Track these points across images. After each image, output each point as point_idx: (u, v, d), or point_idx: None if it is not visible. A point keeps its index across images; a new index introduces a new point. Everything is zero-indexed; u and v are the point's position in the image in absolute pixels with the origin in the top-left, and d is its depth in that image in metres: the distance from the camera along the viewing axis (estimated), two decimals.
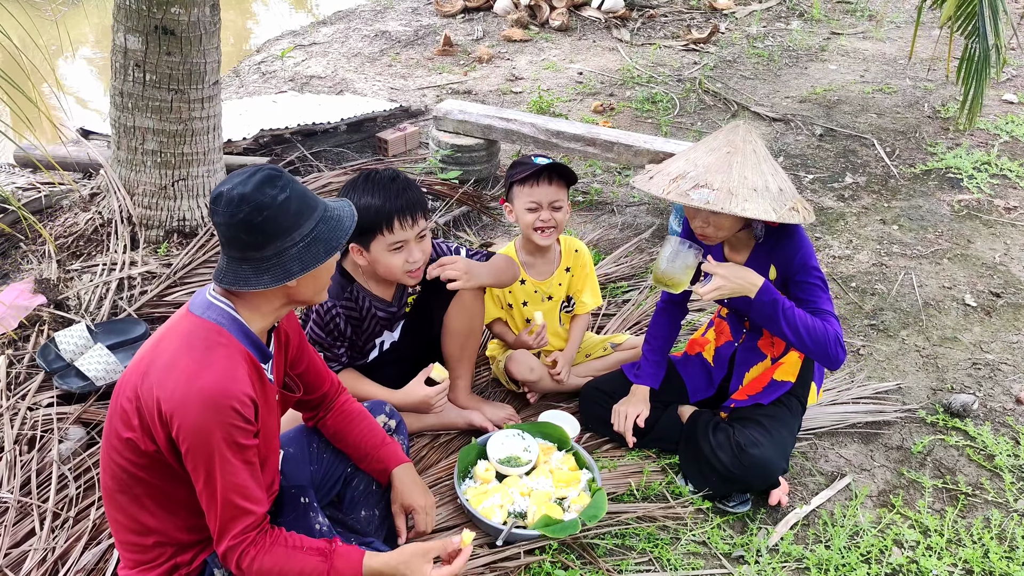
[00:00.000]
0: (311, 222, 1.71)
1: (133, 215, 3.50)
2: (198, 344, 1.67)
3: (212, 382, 1.62)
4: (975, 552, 2.39)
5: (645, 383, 2.72)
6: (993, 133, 5.11)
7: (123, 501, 1.76)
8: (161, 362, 1.66)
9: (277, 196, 1.66)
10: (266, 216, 1.65)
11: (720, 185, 2.23)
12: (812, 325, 2.33)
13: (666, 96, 5.62)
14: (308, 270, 1.69)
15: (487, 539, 2.34)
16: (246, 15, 8.34)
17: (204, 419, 1.61)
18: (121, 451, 1.71)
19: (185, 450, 1.64)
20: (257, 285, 1.68)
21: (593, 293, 2.96)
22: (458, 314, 2.64)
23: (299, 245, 1.69)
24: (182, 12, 3.20)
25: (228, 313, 1.72)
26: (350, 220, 1.76)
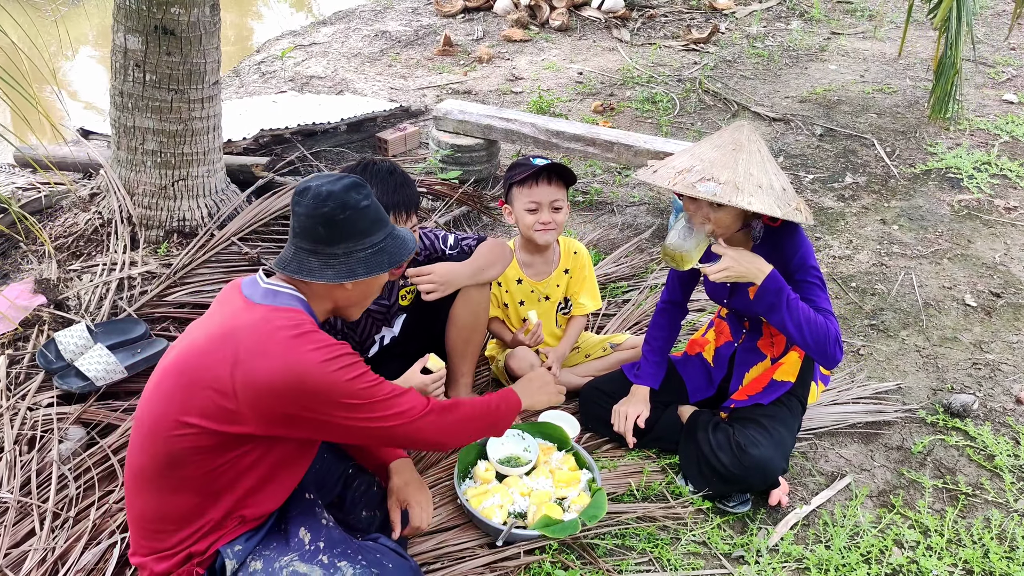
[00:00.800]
0: (381, 234, 1.85)
1: (133, 215, 3.50)
2: (284, 326, 1.74)
3: (316, 344, 1.73)
4: (975, 552, 2.39)
5: (645, 383, 2.72)
6: (993, 133, 5.11)
7: (162, 484, 1.78)
8: (257, 351, 1.70)
9: (361, 201, 1.80)
10: (348, 216, 1.78)
11: (726, 179, 2.25)
12: (814, 320, 2.33)
13: (666, 96, 5.63)
14: (370, 275, 1.82)
15: (487, 539, 2.34)
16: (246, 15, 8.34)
17: (326, 374, 1.71)
18: (195, 435, 1.73)
19: (323, 411, 1.73)
20: (320, 278, 1.79)
21: (592, 296, 2.96)
22: (463, 307, 2.64)
23: (368, 251, 1.82)
24: (182, 12, 3.20)
25: (298, 298, 1.82)
26: (412, 244, 1.91)
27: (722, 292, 2.60)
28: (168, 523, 1.80)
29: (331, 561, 1.82)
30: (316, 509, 1.97)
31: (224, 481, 1.78)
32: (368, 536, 2.01)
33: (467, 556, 2.30)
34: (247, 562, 1.82)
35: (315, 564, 1.81)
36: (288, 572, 1.79)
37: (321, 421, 1.75)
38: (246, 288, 1.83)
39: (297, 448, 1.86)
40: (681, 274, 2.71)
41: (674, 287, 2.74)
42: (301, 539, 1.87)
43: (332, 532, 1.92)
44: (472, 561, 2.27)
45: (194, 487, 1.78)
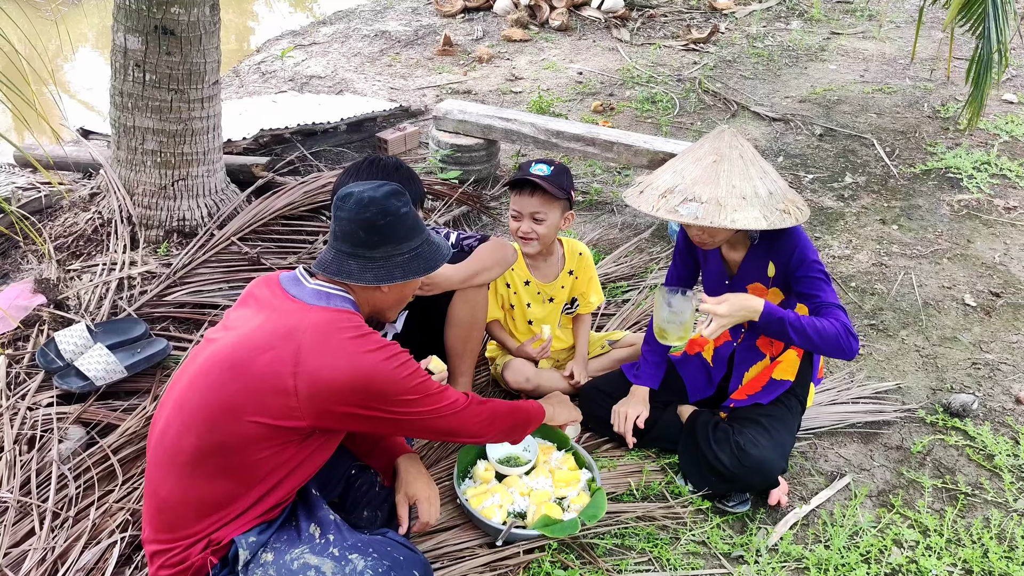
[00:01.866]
0: (418, 240, 1.93)
1: (133, 215, 3.50)
2: (347, 327, 1.81)
3: (377, 345, 1.81)
4: (975, 552, 2.39)
5: (645, 384, 2.72)
6: (993, 133, 5.11)
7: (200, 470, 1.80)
8: (320, 351, 1.77)
9: (401, 208, 1.88)
10: (388, 222, 1.87)
11: (708, 197, 2.24)
12: (821, 327, 2.32)
13: (666, 96, 5.63)
14: (407, 279, 1.90)
15: (487, 539, 2.34)
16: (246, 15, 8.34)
17: (389, 372, 1.80)
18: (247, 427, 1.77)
19: (386, 409, 1.82)
20: (359, 280, 1.86)
21: (597, 293, 2.98)
22: (462, 305, 2.64)
23: (405, 256, 1.90)
24: (182, 12, 3.20)
25: (349, 299, 1.89)
26: (447, 251, 1.99)
27: (720, 291, 2.59)
28: (192, 509, 1.82)
29: (342, 553, 1.83)
30: (324, 505, 1.99)
31: (263, 471, 1.83)
32: (376, 531, 2.02)
33: (467, 556, 2.30)
34: (259, 554, 1.84)
35: (326, 556, 1.82)
36: (299, 564, 1.80)
37: (379, 417, 1.84)
38: (289, 287, 1.89)
39: (327, 440, 1.92)
40: (680, 274, 2.71)
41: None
42: (311, 533, 1.89)
43: (341, 527, 1.93)
44: (472, 561, 2.27)
45: (234, 475, 1.81)
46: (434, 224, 3.83)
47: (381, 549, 1.87)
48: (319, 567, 1.80)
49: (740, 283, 2.53)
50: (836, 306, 2.36)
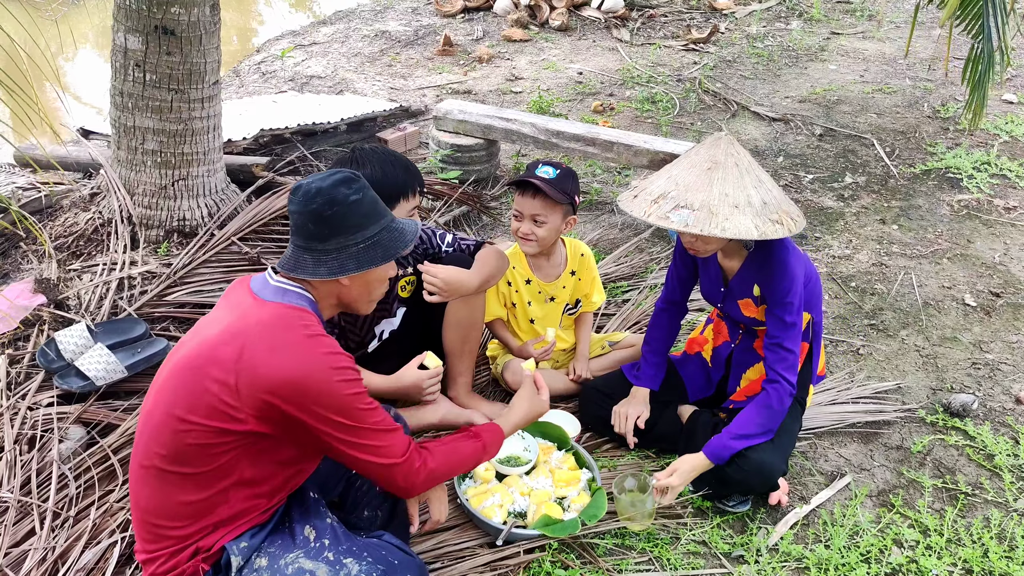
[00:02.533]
0: (376, 227, 1.84)
1: (133, 215, 3.50)
2: (296, 325, 1.76)
3: (321, 356, 1.74)
4: (975, 552, 2.39)
5: (645, 385, 2.72)
6: (993, 133, 5.11)
7: (169, 480, 1.78)
8: (261, 347, 1.72)
9: (350, 196, 1.80)
10: (336, 211, 1.79)
11: (700, 204, 2.22)
12: (755, 420, 2.41)
13: (666, 96, 5.63)
14: (362, 270, 1.82)
15: (487, 539, 2.34)
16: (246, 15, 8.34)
17: (326, 389, 1.72)
18: (197, 432, 1.74)
19: (314, 416, 1.74)
20: (313, 274, 1.81)
21: (600, 292, 2.99)
22: (459, 306, 2.64)
23: (360, 245, 1.82)
24: (182, 12, 3.20)
25: (306, 297, 1.84)
26: (412, 235, 1.89)
27: (716, 296, 2.60)
28: (174, 519, 1.80)
29: (336, 558, 1.82)
30: (320, 508, 1.98)
31: (231, 478, 1.79)
32: (372, 533, 2.01)
33: (467, 555, 2.30)
34: (252, 559, 1.82)
35: (321, 560, 1.81)
36: (294, 569, 1.79)
37: (311, 427, 1.75)
38: (256, 285, 1.85)
39: (302, 451, 1.87)
40: (680, 274, 2.71)
41: (673, 288, 2.73)
42: (306, 536, 1.88)
43: (337, 530, 1.92)
44: (472, 560, 2.27)
45: (203, 483, 1.78)
46: (434, 224, 3.83)
47: (376, 553, 1.86)
48: (314, 572, 1.79)
49: (733, 295, 2.53)
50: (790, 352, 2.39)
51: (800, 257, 2.42)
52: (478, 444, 2.01)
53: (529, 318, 2.90)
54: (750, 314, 2.50)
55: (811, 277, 2.47)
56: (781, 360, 2.40)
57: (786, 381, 2.40)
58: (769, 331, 2.41)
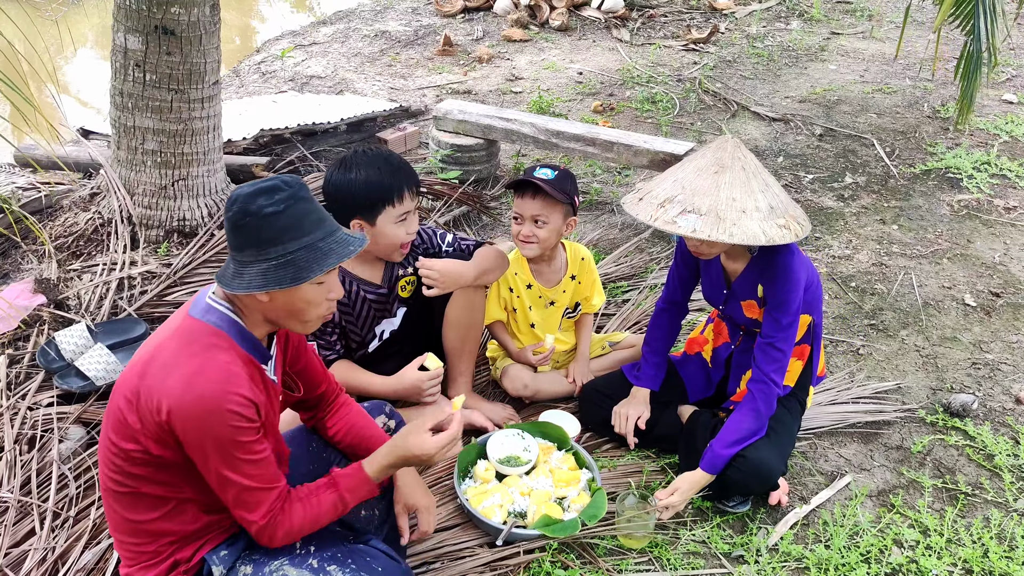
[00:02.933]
0: (296, 244, 1.67)
1: (133, 215, 3.50)
2: (196, 347, 1.67)
3: (210, 386, 1.63)
4: (975, 552, 2.39)
5: (645, 385, 2.72)
6: (993, 133, 5.11)
7: (124, 501, 1.77)
8: (159, 364, 1.66)
9: (265, 208, 1.65)
10: (248, 222, 1.65)
11: (708, 209, 2.21)
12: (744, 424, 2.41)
13: (666, 96, 5.63)
14: (267, 289, 1.66)
15: (487, 539, 2.34)
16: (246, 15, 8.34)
17: (205, 422, 1.63)
18: (120, 453, 1.71)
19: (191, 451, 1.66)
20: (228, 287, 1.68)
21: (600, 294, 2.98)
22: (459, 306, 2.64)
23: (272, 262, 1.66)
24: (182, 12, 3.20)
25: (227, 316, 1.73)
26: (338, 256, 1.70)
27: (718, 298, 2.60)
28: (134, 536, 1.79)
29: (321, 565, 1.81)
30: None
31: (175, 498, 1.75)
32: (360, 539, 2.01)
33: (467, 555, 2.30)
34: (236, 567, 1.81)
35: (305, 568, 1.80)
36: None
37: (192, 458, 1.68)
38: (197, 298, 1.77)
39: None
40: (681, 275, 2.71)
41: (674, 288, 2.73)
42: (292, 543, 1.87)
43: (323, 535, 1.91)
44: (472, 560, 2.27)
45: (145, 504, 1.76)
46: (434, 224, 3.83)
47: (361, 560, 1.86)
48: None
49: (736, 296, 2.52)
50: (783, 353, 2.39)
51: (803, 261, 2.41)
52: (335, 496, 1.83)
53: (530, 322, 2.89)
54: (752, 315, 2.50)
55: (812, 280, 2.47)
56: (772, 361, 2.40)
57: (774, 383, 2.40)
58: (764, 331, 2.41)
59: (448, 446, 1.90)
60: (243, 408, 1.65)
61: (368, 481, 1.88)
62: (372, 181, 2.39)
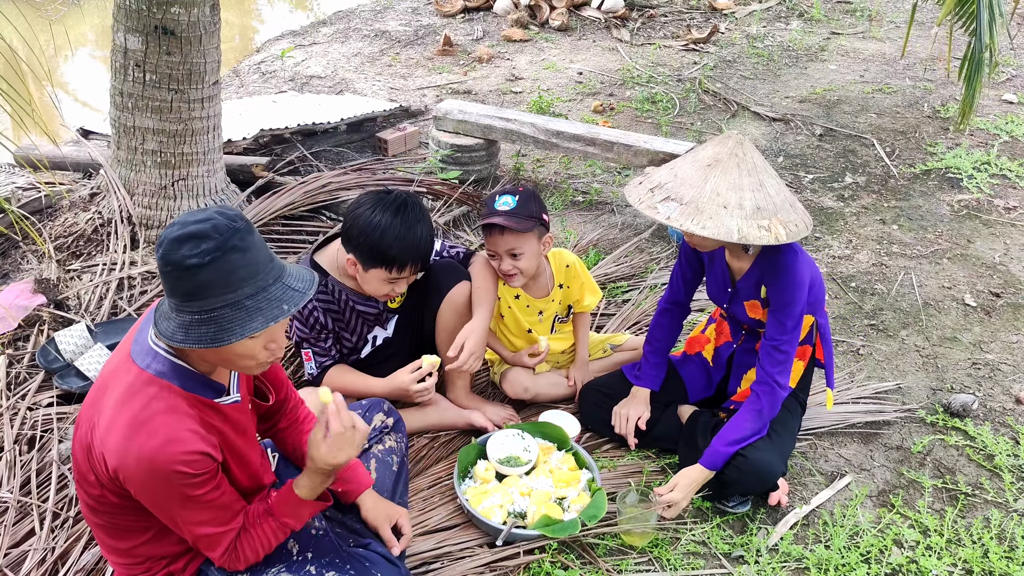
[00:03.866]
0: (217, 301, 1.53)
1: (133, 215, 3.50)
2: (136, 403, 1.59)
3: (151, 446, 1.56)
4: (975, 552, 2.39)
5: (646, 385, 2.72)
6: (993, 133, 5.11)
7: (106, 530, 1.77)
8: (105, 419, 1.60)
9: (187, 259, 1.50)
10: (168, 272, 1.53)
11: (690, 199, 2.21)
12: (752, 425, 2.41)
13: (666, 96, 5.63)
14: (186, 345, 1.55)
15: (487, 539, 2.34)
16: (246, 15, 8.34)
17: (154, 485, 1.59)
18: (89, 494, 1.71)
19: (145, 503, 1.65)
20: (158, 327, 1.59)
21: (592, 292, 2.95)
22: (449, 315, 2.65)
23: (193, 316, 1.54)
24: (182, 12, 3.20)
25: (168, 361, 1.63)
26: (262, 321, 1.55)
27: (722, 297, 2.60)
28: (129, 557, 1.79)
29: (319, 571, 1.82)
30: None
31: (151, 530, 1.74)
32: (360, 542, 2.01)
33: (467, 556, 2.30)
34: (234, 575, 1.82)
35: (303, 575, 1.81)
36: None
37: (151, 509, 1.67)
38: (138, 335, 1.69)
39: None
40: (685, 275, 2.70)
41: (678, 288, 2.72)
42: (289, 549, 1.87)
43: (321, 541, 1.91)
44: (472, 561, 2.27)
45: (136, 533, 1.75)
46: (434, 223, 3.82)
47: (359, 565, 1.86)
48: None
49: (740, 296, 2.52)
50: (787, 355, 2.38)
51: (808, 262, 2.40)
52: (274, 524, 1.79)
53: (524, 328, 2.87)
54: (756, 316, 2.50)
55: (816, 281, 2.46)
56: (776, 363, 2.39)
57: (779, 385, 2.40)
58: (768, 333, 2.41)
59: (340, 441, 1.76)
60: (189, 466, 1.58)
61: (303, 503, 1.79)
62: (385, 241, 2.34)
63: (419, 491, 2.50)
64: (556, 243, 3.89)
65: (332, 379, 2.56)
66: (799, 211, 2.29)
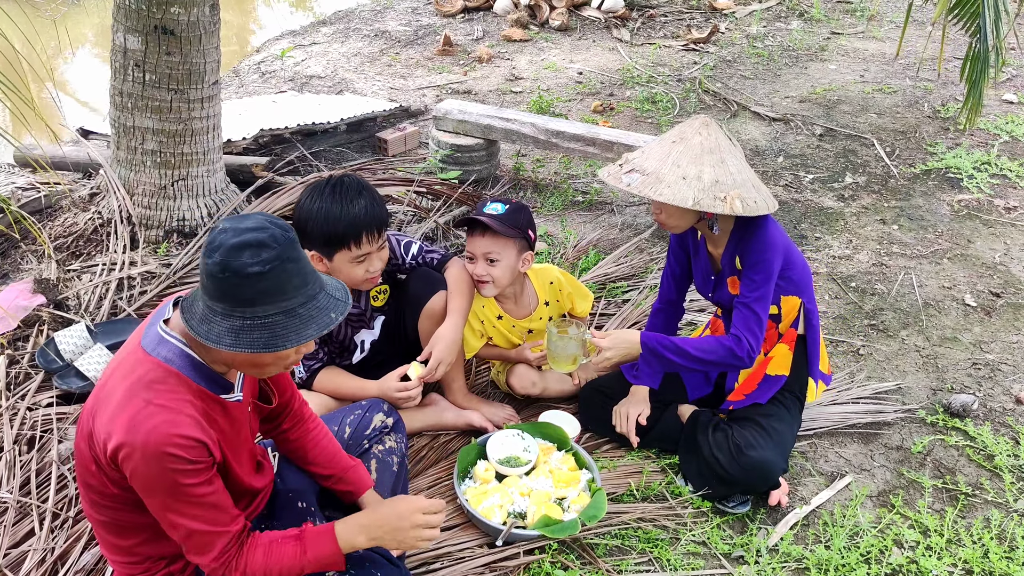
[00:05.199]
0: (272, 308, 1.56)
1: (133, 215, 3.50)
2: (141, 387, 1.60)
3: (148, 428, 1.56)
4: (975, 552, 2.39)
5: (644, 384, 2.72)
6: (993, 133, 5.11)
7: (106, 527, 1.76)
8: (107, 405, 1.60)
9: (249, 266, 1.53)
10: (226, 279, 1.54)
11: (652, 170, 2.34)
12: (702, 346, 2.46)
13: (666, 96, 5.62)
14: (235, 350, 1.56)
15: (487, 539, 2.34)
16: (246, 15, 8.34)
17: (148, 467, 1.57)
18: (91, 487, 1.70)
19: (139, 492, 1.63)
20: (194, 331, 1.58)
21: (583, 298, 2.92)
22: (429, 325, 2.63)
23: (246, 322, 1.55)
24: (182, 12, 3.20)
25: (178, 350, 1.64)
26: (316, 329, 1.59)
27: (707, 287, 2.62)
28: (128, 555, 1.79)
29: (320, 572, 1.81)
30: (307, 519, 1.95)
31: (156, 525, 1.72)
32: None
33: (467, 556, 2.30)
34: None
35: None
36: None
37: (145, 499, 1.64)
38: (150, 323, 1.70)
39: None
40: (674, 272, 2.73)
41: (668, 287, 2.75)
42: None
43: None
44: (472, 561, 2.27)
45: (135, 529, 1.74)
46: (434, 224, 3.82)
47: (359, 565, 1.86)
48: None
49: (722, 278, 2.54)
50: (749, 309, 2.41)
51: (781, 232, 2.46)
52: (298, 548, 1.75)
53: (515, 344, 2.84)
54: (735, 292, 2.51)
55: (796, 260, 2.49)
56: (746, 319, 2.41)
57: (747, 340, 2.41)
58: (740, 292, 2.44)
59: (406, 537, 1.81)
60: (184, 450, 1.57)
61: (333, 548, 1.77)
62: (331, 220, 2.33)
63: (419, 491, 2.50)
64: (555, 243, 3.89)
65: (323, 382, 2.56)
66: (762, 192, 2.37)
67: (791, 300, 2.50)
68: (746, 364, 2.45)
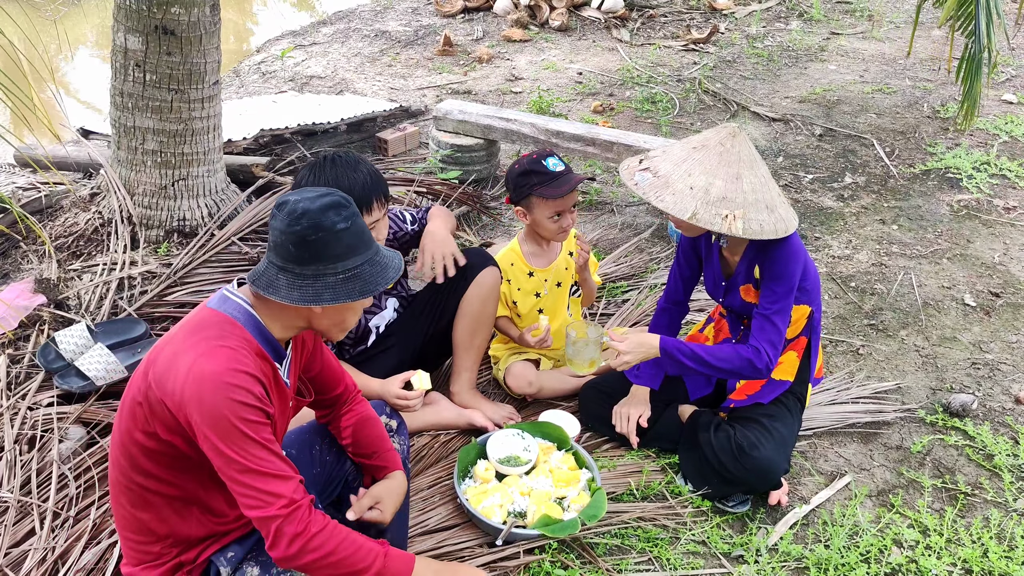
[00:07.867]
0: (358, 259, 1.72)
1: (133, 215, 3.50)
2: (207, 333, 1.68)
3: (217, 363, 1.63)
4: (974, 552, 2.39)
5: (645, 384, 2.72)
6: (993, 133, 5.11)
7: (132, 496, 1.77)
8: (169, 351, 1.67)
9: (337, 223, 1.69)
10: (320, 237, 1.68)
11: (664, 173, 2.29)
12: (720, 355, 2.41)
13: (666, 96, 5.63)
14: (336, 302, 1.70)
15: (487, 539, 2.34)
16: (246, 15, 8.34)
17: (213, 400, 1.60)
18: (133, 444, 1.72)
19: (200, 435, 1.63)
20: (285, 298, 1.69)
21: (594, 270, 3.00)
22: (476, 300, 2.67)
23: (339, 276, 1.70)
24: (182, 12, 3.20)
25: (244, 309, 1.74)
26: (394, 272, 1.78)
27: (718, 291, 2.61)
28: (139, 534, 1.79)
29: None
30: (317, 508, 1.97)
31: (192, 491, 1.74)
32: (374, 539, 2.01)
33: (467, 555, 2.30)
34: (243, 568, 1.81)
35: None
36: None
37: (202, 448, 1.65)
38: (213, 296, 1.79)
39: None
40: (683, 273, 2.72)
41: (676, 287, 2.74)
42: None
43: None
44: (472, 560, 2.27)
45: (162, 502, 1.76)
46: None
47: None
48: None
49: (735, 284, 2.53)
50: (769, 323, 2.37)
51: (802, 246, 2.43)
52: (380, 552, 1.76)
53: (536, 308, 2.89)
54: (750, 300, 2.50)
55: (810, 270, 2.48)
56: (766, 332, 2.38)
57: (767, 353, 2.39)
58: (760, 304, 2.40)
59: None
60: (250, 384, 1.64)
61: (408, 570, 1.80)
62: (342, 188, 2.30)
63: (419, 491, 2.51)
64: None
65: None
66: (776, 214, 2.27)
67: (802, 308, 2.49)
68: (764, 376, 2.43)
